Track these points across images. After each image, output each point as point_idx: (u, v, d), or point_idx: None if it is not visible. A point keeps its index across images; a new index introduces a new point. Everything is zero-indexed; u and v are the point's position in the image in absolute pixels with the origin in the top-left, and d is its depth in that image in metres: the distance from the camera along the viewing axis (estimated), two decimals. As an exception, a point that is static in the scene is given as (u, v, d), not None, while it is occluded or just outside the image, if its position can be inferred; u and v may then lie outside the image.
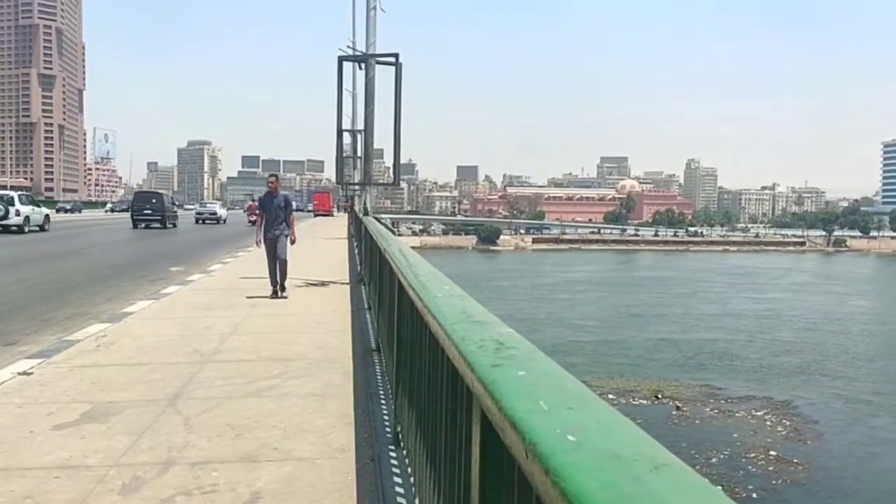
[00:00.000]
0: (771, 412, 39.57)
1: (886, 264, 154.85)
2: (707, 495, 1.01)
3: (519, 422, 1.38)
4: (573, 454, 1.15)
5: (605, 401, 5.75)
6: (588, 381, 44.95)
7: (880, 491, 29.74)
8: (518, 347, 2.01)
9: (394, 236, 9.47)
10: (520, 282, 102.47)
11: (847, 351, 55.97)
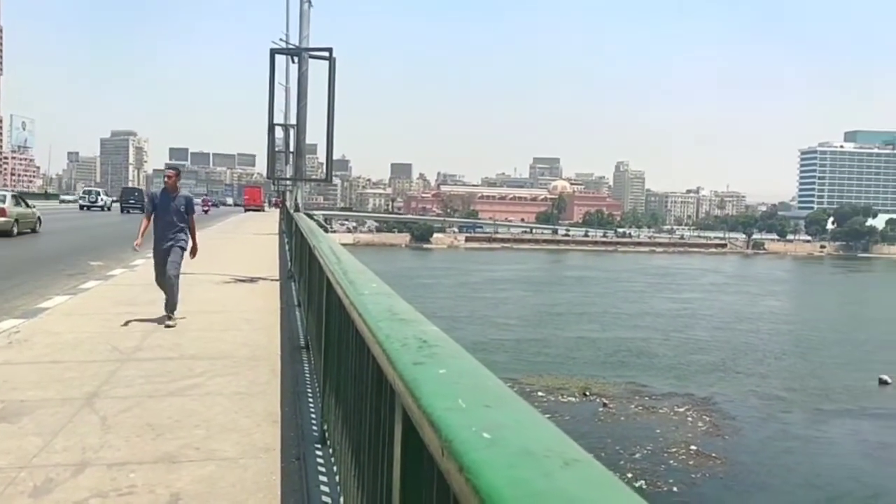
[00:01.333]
0: (692, 408, 40.96)
1: (800, 266, 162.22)
2: (613, 490, 1.04)
3: (436, 419, 1.39)
4: (487, 451, 1.16)
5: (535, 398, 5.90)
6: (518, 378, 45.56)
7: (792, 484, 31.15)
8: (441, 346, 2.01)
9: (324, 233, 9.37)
10: (446, 280, 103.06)
11: (757, 349, 58.37)
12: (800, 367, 52.80)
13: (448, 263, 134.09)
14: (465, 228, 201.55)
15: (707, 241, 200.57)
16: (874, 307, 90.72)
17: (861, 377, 48.93)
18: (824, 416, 40.73)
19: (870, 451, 35.37)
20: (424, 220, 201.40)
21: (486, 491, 1.03)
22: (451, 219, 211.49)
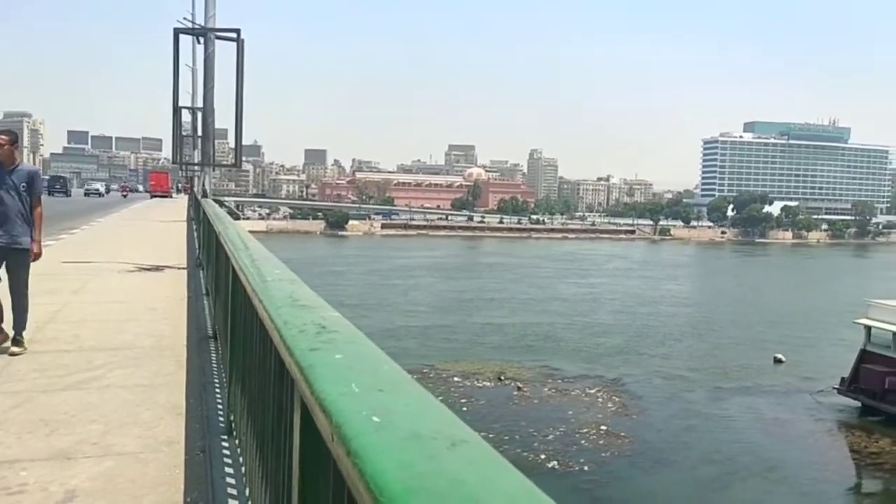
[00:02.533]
0: (602, 389, 42.35)
1: (702, 251, 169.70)
2: (497, 469, 1.06)
3: (328, 405, 1.39)
4: (374, 435, 1.17)
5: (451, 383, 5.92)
6: (434, 364, 45.94)
7: (694, 459, 32.70)
8: (340, 331, 2.00)
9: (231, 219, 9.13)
10: (358, 267, 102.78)
11: (658, 331, 60.85)
12: (699, 347, 55.37)
13: (362, 251, 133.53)
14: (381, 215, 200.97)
15: (617, 228, 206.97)
16: (767, 290, 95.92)
17: (756, 356, 51.74)
18: (724, 394, 42.90)
19: (766, 427, 37.50)
20: (339, 207, 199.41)
21: (370, 474, 1.04)
22: (366, 205, 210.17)
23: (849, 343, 43.68)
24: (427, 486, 0.97)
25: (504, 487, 0.98)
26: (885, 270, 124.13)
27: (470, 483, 0.98)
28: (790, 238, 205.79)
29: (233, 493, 4.24)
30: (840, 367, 42.04)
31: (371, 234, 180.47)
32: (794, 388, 43.93)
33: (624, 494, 28.27)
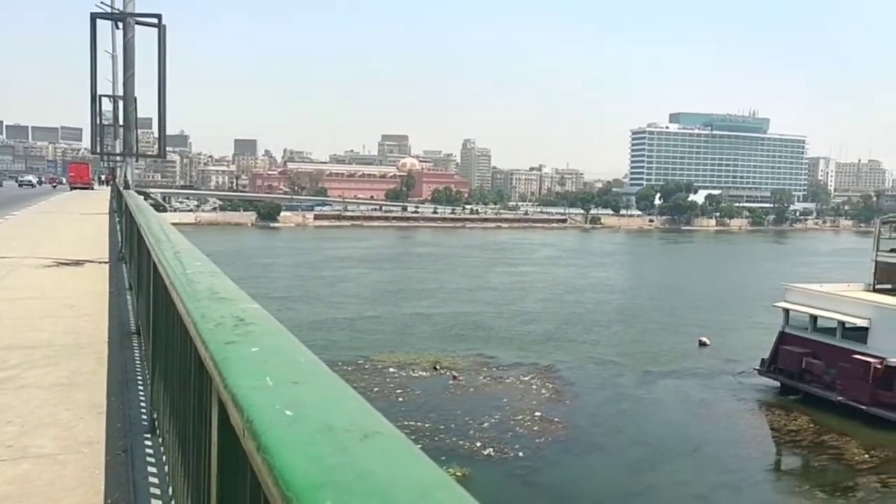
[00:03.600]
0: (536, 377, 43.07)
1: (631, 239, 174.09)
2: (408, 459, 1.05)
3: (240, 399, 1.36)
4: (286, 429, 1.15)
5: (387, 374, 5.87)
6: (370, 355, 45.80)
7: (624, 442, 33.62)
8: (258, 323, 1.96)
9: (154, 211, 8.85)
10: (287, 259, 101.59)
11: (585, 318, 62.19)
12: (626, 333, 56.86)
13: (294, 242, 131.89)
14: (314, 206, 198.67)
15: (549, 217, 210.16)
16: (691, 276, 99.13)
17: (682, 340, 53.50)
18: (652, 377, 44.23)
19: (692, 409, 38.86)
20: (271, 199, 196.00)
21: (279, 469, 1.02)
22: (298, 197, 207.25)
23: (768, 326, 45.58)
24: (335, 479, 0.96)
25: (414, 478, 0.98)
26: (802, 256, 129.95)
27: (379, 475, 0.97)
28: (714, 225, 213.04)
29: (156, 493, 4.12)
30: (761, 348, 43.87)
31: (304, 226, 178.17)
32: (717, 370, 45.62)
33: (558, 479, 28.86)
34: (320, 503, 0.91)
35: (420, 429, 32.90)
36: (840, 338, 39.06)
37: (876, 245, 44.30)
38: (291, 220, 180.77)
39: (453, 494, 0.92)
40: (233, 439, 1.64)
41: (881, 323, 37.41)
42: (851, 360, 37.11)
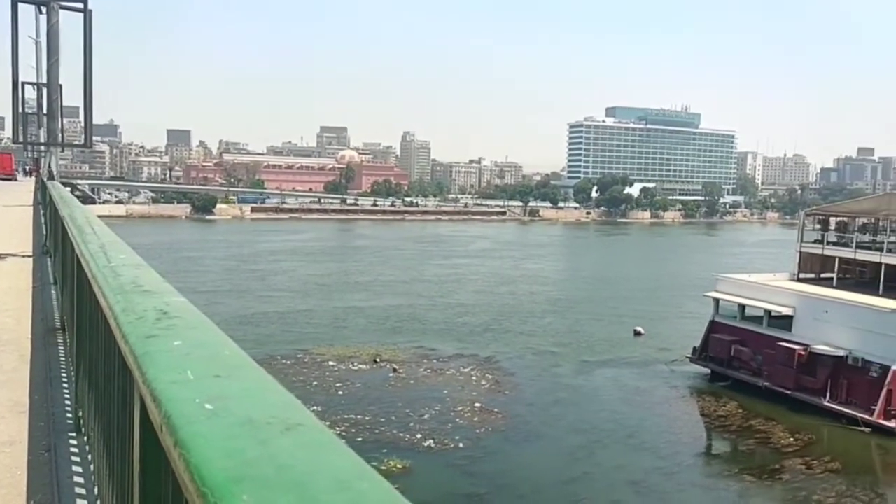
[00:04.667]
0: (476, 368, 43.43)
1: (569, 231, 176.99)
2: (329, 452, 1.04)
3: (159, 394, 1.33)
4: (204, 424, 1.13)
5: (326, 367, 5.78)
6: (309, 349, 45.38)
7: (562, 430, 34.23)
8: (183, 317, 1.91)
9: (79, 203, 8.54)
10: (219, 252, 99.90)
11: (519, 310, 63.02)
12: (562, 323, 57.79)
13: (230, 235, 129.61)
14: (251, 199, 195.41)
15: (489, 210, 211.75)
16: (626, 267, 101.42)
17: (617, 330, 54.73)
18: (589, 367, 45.13)
19: (627, 396, 39.84)
20: (206, 191, 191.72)
21: (196, 465, 1.00)
22: (235, 188, 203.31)
23: (700, 315, 47.01)
24: (253, 473, 0.94)
25: (335, 470, 0.97)
26: (731, 247, 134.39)
27: (298, 468, 0.96)
28: (648, 218, 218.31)
29: (81, 493, 3.99)
30: (693, 337, 45.23)
31: (241, 218, 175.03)
32: (652, 359, 46.86)
33: (498, 468, 29.20)
34: (237, 497, 0.91)
35: (360, 422, 32.81)
36: (766, 326, 40.59)
37: (800, 236, 46.11)
38: (228, 213, 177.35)
39: (374, 485, 0.92)
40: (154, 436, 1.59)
41: (805, 311, 39.01)
42: (777, 347, 38.61)
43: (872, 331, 35.60)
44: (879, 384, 34.56)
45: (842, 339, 36.63)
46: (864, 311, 36.55)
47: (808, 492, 27.89)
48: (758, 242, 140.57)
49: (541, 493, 27.44)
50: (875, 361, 35.16)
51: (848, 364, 36.13)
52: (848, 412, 34.79)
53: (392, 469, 27.94)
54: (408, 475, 27.78)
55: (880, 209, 43.09)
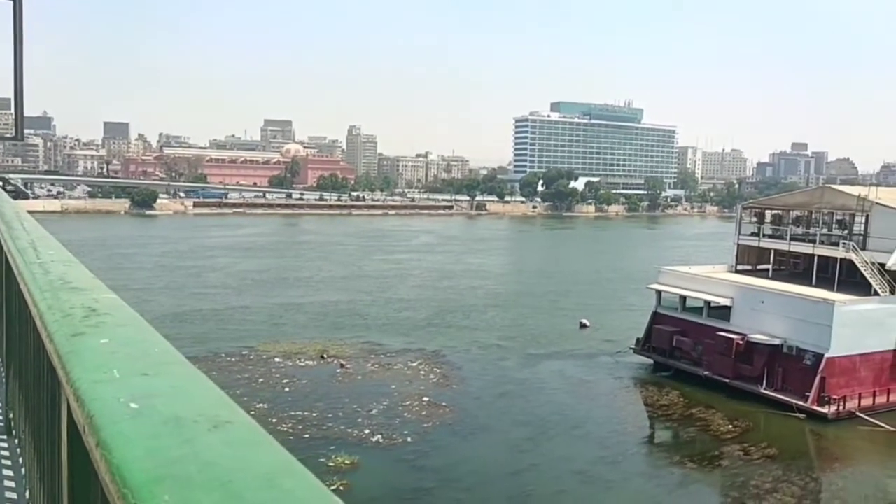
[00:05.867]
0: (423, 362, 43.49)
1: (515, 225, 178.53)
2: (259, 448, 1.02)
3: (82, 393, 1.28)
4: (128, 423, 1.10)
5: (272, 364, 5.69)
6: (254, 346, 44.74)
7: (509, 423, 34.57)
8: (112, 314, 1.85)
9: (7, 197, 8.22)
10: (155, 248, 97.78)
11: (460, 304, 63.22)
12: (505, 317, 58.24)
13: (169, 230, 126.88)
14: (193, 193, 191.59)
15: (436, 204, 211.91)
16: (570, 260, 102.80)
17: (563, 322, 55.44)
18: (535, 359, 45.65)
19: (573, 388, 40.45)
20: (146, 185, 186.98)
21: (117, 465, 0.97)
22: (176, 183, 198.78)
23: (643, 307, 47.99)
24: (176, 472, 0.92)
25: (261, 467, 0.95)
26: (673, 240, 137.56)
27: (224, 466, 0.94)
28: (593, 212, 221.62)
29: (12, 498, 3.85)
30: (636, 329, 46.17)
31: (183, 213, 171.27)
32: (597, 351, 47.66)
33: (446, 461, 29.35)
34: (157, 497, 0.90)
35: (308, 418, 32.53)
36: (706, 316, 41.71)
37: (737, 229, 47.43)
38: (169, 208, 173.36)
39: (301, 482, 0.91)
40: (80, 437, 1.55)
41: (742, 302, 40.22)
42: (716, 336, 39.72)
43: (806, 320, 36.92)
44: (813, 371, 35.88)
45: (777, 329, 37.89)
46: (798, 301, 37.86)
47: (746, 477, 28.79)
48: (697, 235, 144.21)
49: (488, 486, 27.68)
50: (808, 349, 36.48)
51: (783, 352, 37.41)
52: (783, 399, 36.02)
53: (340, 465, 27.81)
54: (356, 471, 27.68)
55: (812, 202, 44.62)
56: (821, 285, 39.69)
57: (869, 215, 40.29)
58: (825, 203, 43.47)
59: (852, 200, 41.32)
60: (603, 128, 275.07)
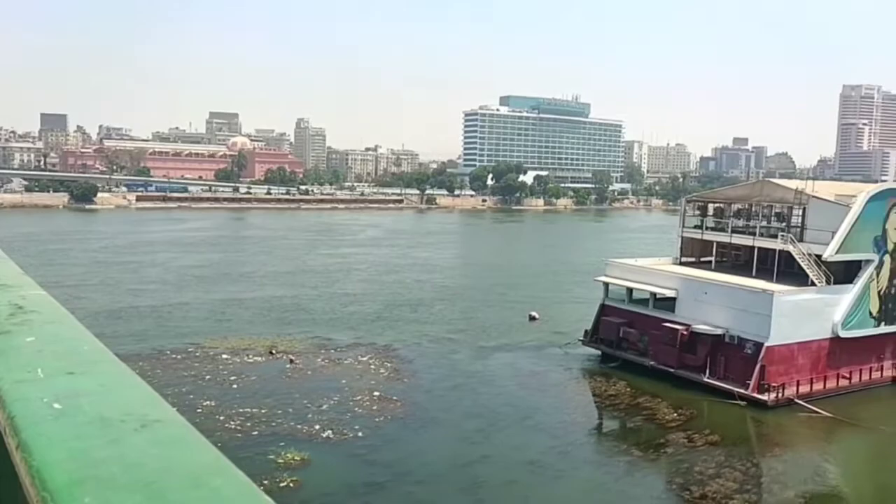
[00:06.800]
0: (374, 357, 43.32)
1: (465, 218, 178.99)
2: (189, 447, 0.99)
3: (4, 393, 1.22)
4: (50, 424, 1.07)
5: (219, 361, 5.55)
6: (200, 343, 43.95)
7: (460, 415, 34.73)
8: (39, 311, 1.77)
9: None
10: (91, 243, 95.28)
11: (407, 298, 63.09)
12: (454, 311, 58.37)
13: (108, 225, 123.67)
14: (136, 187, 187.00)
15: (386, 198, 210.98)
16: (519, 253, 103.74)
17: (512, 315, 55.84)
18: (485, 352, 45.91)
19: (523, 380, 40.80)
20: (86, 179, 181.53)
21: (37, 468, 0.94)
22: (117, 176, 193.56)
23: (592, 299, 48.62)
24: (99, 474, 0.90)
25: (189, 467, 0.92)
26: (620, 233, 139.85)
27: (150, 466, 0.91)
28: (542, 205, 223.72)
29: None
30: (585, 320, 46.75)
31: (126, 208, 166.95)
32: (546, 343, 48.15)
33: (397, 455, 29.29)
34: (78, 500, 0.89)
35: (256, 415, 32.09)
36: (652, 308, 42.54)
37: (682, 222, 48.43)
38: (111, 202, 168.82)
39: (230, 481, 0.89)
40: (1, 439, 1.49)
41: (686, 293, 41.13)
42: (662, 327, 40.55)
43: (746, 310, 37.96)
44: (753, 360, 36.93)
45: (720, 319, 38.87)
46: (739, 292, 38.91)
47: (690, 464, 29.51)
48: (644, 228, 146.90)
49: (440, 478, 27.78)
50: (749, 339, 37.53)
51: (725, 342, 38.40)
52: (725, 387, 36.99)
53: (290, 462, 27.53)
54: (306, 467, 27.45)
55: (753, 196, 45.83)
56: (761, 276, 40.79)
57: (806, 208, 41.55)
58: (764, 196, 44.68)
59: (790, 194, 42.57)
60: (551, 122, 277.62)
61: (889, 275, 41.70)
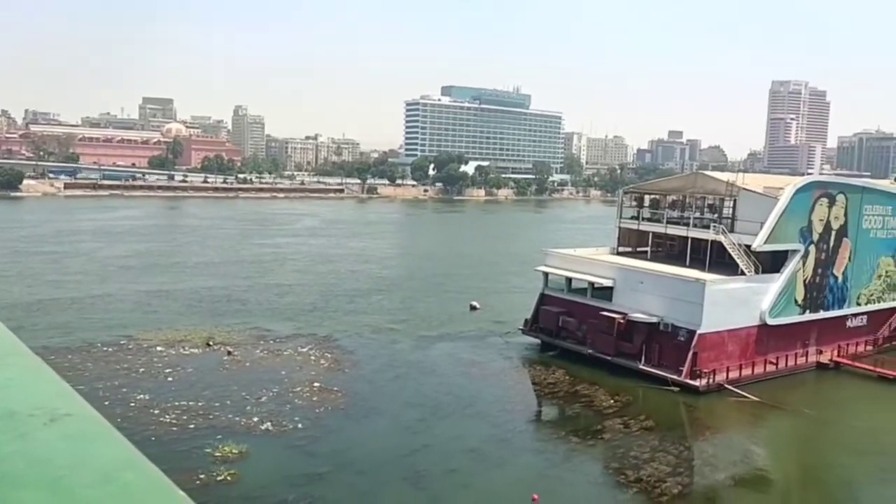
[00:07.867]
0: (314, 347, 42.90)
1: (406, 208, 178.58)
2: (100, 441, 0.97)
3: None
4: None
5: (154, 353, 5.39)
6: (133, 335, 42.78)
7: (402, 404, 34.74)
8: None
9: None
10: (12, 232, 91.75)
11: (343, 288, 62.72)
12: (393, 301, 58.31)
13: (31, 214, 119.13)
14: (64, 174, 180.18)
15: (326, 187, 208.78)
16: (461, 243, 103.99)
17: (453, 305, 56.07)
18: (427, 342, 45.99)
19: (464, 369, 41.04)
20: (11, 165, 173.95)
21: None
22: (45, 162, 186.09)
23: (532, 289, 49.17)
24: (3, 470, 0.88)
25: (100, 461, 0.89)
26: (559, 223, 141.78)
27: (58, 461, 0.88)
28: (483, 195, 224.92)
29: None
30: (525, 310, 47.25)
31: (54, 195, 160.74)
32: (487, 332, 48.52)
33: (338, 446, 29.12)
34: None
35: (193, 408, 31.42)
36: (590, 297, 43.29)
37: (619, 213, 49.33)
38: (37, 189, 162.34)
39: (140, 475, 0.89)
40: None
41: (623, 282, 41.99)
42: (599, 316, 41.33)
43: (680, 298, 39.00)
44: (686, 347, 38.01)
45: (655, 307, 39.83)
46: (673, 281, 39.93)
47: (626, 448, 30.24)
48: (582, 218, 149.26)
49: (381, 468, 27.76)
50: (682, 326, 38.59)
51: (660, 330, 39.40)
52: (660, 374, 37.98)
53: (227, 455, 27.09)
54: (244, 460, 27.05)
55: (686, 188, 46.99)
56: (694, 266, 41.91)
57: (737, 200, 42.84)
58: (698, 188, 45.85)
59: (722, 186, 43.82)
60: (492, 113, 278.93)
61: (814, 264, 43.40)
